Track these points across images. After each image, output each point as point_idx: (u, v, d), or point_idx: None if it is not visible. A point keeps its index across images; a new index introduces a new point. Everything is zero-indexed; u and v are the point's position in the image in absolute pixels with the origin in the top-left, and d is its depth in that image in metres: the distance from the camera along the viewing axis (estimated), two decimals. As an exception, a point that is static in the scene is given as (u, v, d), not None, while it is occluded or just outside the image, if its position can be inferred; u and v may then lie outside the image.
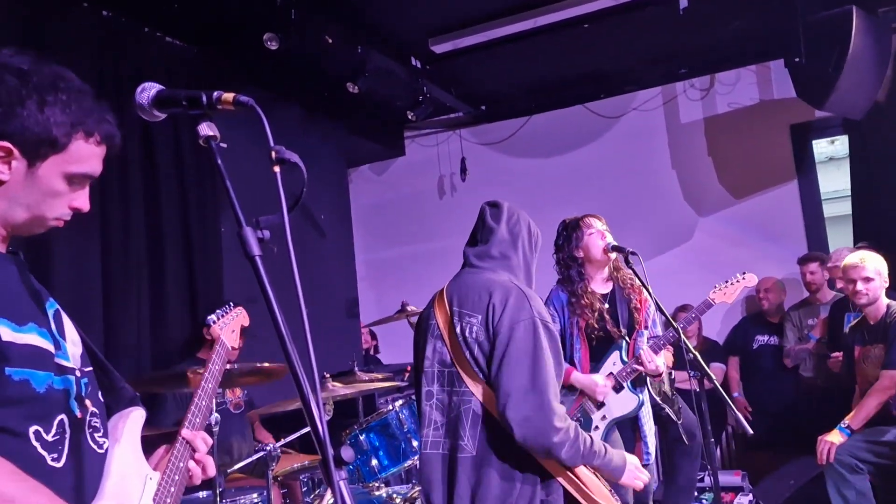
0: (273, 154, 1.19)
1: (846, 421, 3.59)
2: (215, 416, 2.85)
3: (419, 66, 5.44)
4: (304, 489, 3.62)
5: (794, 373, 5.08)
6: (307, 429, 1.14)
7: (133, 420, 1.47)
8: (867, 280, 3.62)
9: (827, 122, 5.56)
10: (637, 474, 2.21)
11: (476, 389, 2.13)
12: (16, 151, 1.24)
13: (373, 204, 6.91)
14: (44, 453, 1.24)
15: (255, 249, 1.16)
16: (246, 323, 2.03)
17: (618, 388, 3.30)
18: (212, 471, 1.52)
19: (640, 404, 3.32)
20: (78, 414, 1.32)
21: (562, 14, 4.92)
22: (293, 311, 1.18)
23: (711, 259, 5.65)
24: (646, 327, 3.39)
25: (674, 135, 6.04)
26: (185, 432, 1.50)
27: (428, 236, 6.49)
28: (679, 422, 3.58)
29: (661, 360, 3.36)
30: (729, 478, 4.66)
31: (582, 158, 6.22)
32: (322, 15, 4.54)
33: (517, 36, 5.13)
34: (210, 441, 1.54)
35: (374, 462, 3.40)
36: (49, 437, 1.26)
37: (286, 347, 1.13)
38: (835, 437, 3.56)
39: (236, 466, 2.94)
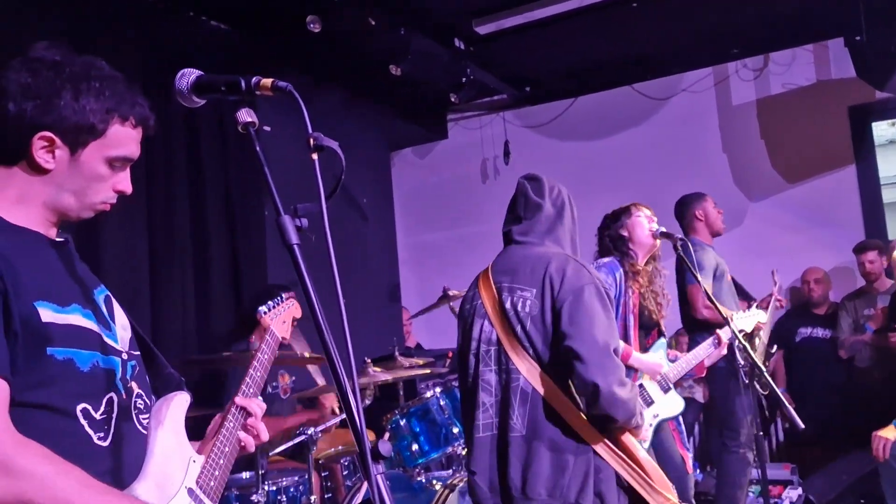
0: (311, 141, 1.16)
1: None
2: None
3: (462, 47, 5.36)
4: (344, 472, 3.64)
5: (845, 364, 4.92)
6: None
7: (177, 403, 1.48)
8: None
9: (888, 104, 5.31)
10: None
11: (523, 366, 2.10)
12: (58, 140, 1.29)
13: (415, 187, 6.88)
14: (90, 431, 1.28)
15: (294, 238, 1.15)
16: (298, 314, 2.02)
17: (665, 389, 3.19)
18: (265, 435, 1.56)
19: (683, 409, 3.24)
20: (123, 395, 1.35)
21: (609, -7, 4.79)
22: (333, 296, 1.16)
23: (762, 246, 5.49)
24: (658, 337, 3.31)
25: (725, 117, 5.85)
26: (238, 399, 1.54)
27: (470, 220, 6.43)
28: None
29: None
30: (778, 471, 4.55)
31: (629, 142, 6.08)
32: (365, -4, 4.51)
33: (562, 16, 5.01)
34: (264, 406, 1.58)
35: (415, 447, 3.40)
36: (97, 416, 1.29)
37: (324, 339, 1.11)
38: (891, 434, 3.42)
39: (278, 449, 2.96)
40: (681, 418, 3.33)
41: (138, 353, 1.47)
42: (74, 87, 1.29)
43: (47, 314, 1.24)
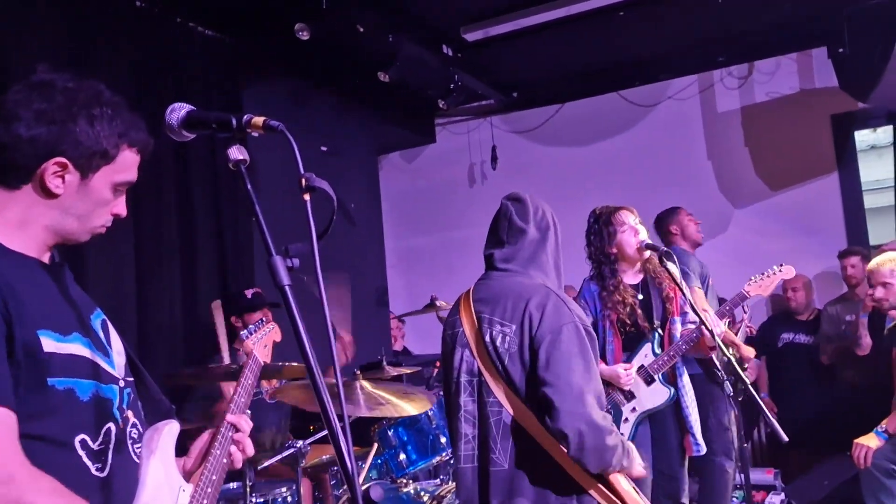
0: (303, 181, 1.17)
1: (883, 425, 3.51)
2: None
3: (451, 54, 5.39)
4: (332, 482, 3.65)
5: (825, 370, 4.99)
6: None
7: (168, 433, 1.49)
8: (885, 285, 3.53)
9: (870, 113, 5.38)
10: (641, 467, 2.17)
11: (505, 400, 2.08)
12: (70, 166, 1.31)
13: (402, 191, 6.89)
14: (88, 463, 1.28)
15: (285, 279, 1.16)
16: (278, 338, 2.04)
17: (649, 381, 3.24)
18: (251, 450, 1.58)
19: (671, 397, 3.25)
20: (120, 424, 1.36)
21: (596, 2, 4.82)
22: (322, 319, 1.17)
23: (746, 252, 5.53)
24: (679, 314, 3.34)
25: (710, 124, 5.91)
26: (229, 416, 1.56)
27: (458, 225, 6.45)
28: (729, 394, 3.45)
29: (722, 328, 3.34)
30: (761, 476, 4.61)
31: (615, 147, 6.12)
32: (354, 3, 4.51)
33: (550, 23, 5.05)
34: (251, 424, 1.61)
35: (403, 457, 3.42)
36: (94, 446, 1.30)
37: (316, 383, 1.12)
38: (871, 441, 3.49)
39: (266, 463, 2.97)
40: (687, 407, 3.29)
41: (132, 378, 1.48)
42: (88, 113, 1.30)
43: (49, 343, 1.24)
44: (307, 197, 1.17)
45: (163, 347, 3.99)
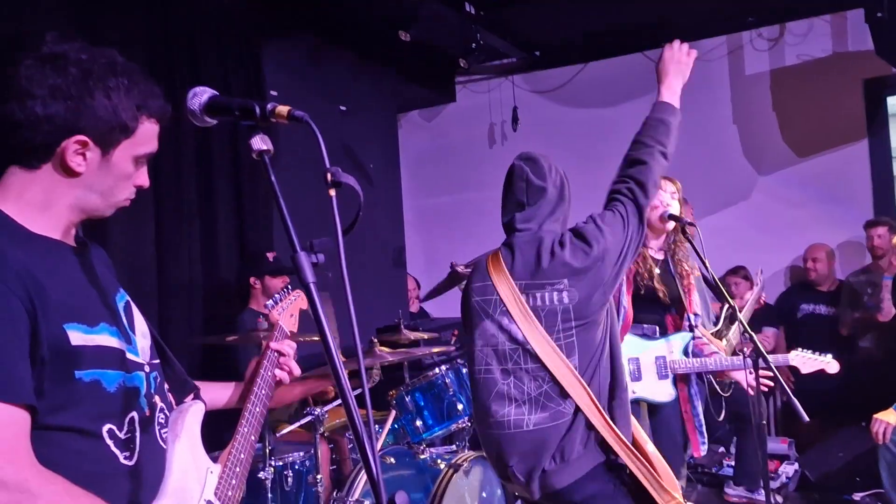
0: (328, 176, 1.14)
1: None
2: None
3: (473, 11, 5.26)
4: (350, 445, 3.71)
5: (845, 341, 4.94)
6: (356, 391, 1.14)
7: (193, 414, 1.49)
8: None
9: (904, 78, 5.23)
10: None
11: (551, 363, 2.11)
12: (91, 143, 1.26)
13: (421, 150, 6.82)
14: (116, 451, 1.27)
15: (310, 276, 1.13)
16: (304, 306, 2.01)
17: (661, 376, 3.15)
18: (297, 370, 1.70)
19: (674, 399, 3.14)
20: (146, 411, 1.35)
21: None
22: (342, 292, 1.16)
23: (769, 220, 5.47)
24: (693, 313, 3.27)
25: (737, 87, 5.76)
26: (273, 344, 1.69)
27: (477, 185, 6.38)
28: (725, 395, 3.48)
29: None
30: (775, 445, 4.62)
31: (638, 109, 5.81)
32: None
33: (576, -20, 4.91)
34: (295, 345, 1.72)
35: (419, 423, 3.45)
36: (122, 435, 1.29)
37: (340, 380, 1.11)
38: (891, 417, 3.45)
39: (285, 430, 3.01)
40: (698, 404, 3.23)
41: (158, 361, 1.47)
42: (104, 86, 1.25)
43: (77, 337, 1.22)
44: (333, 192, 1.14)
45: (182, 309, 4.02)
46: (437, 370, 3.46)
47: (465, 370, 3.40)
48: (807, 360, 3.37)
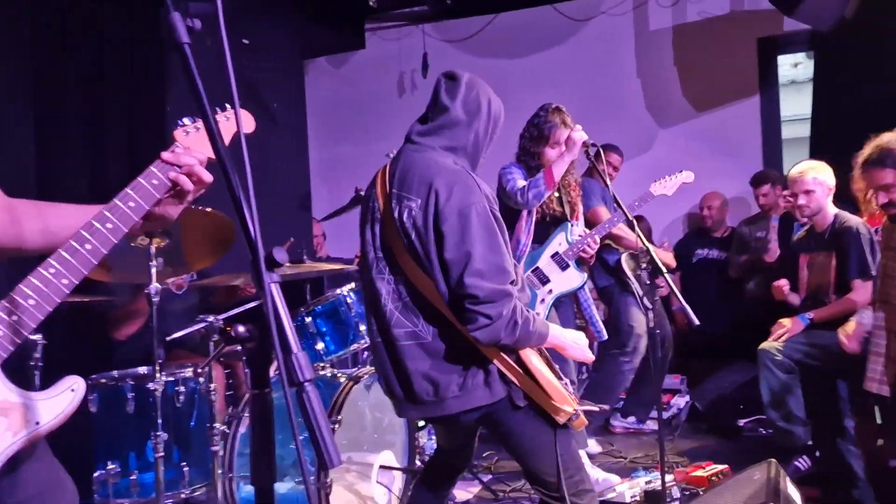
0: None
1: (810, 313, 3.58)
2: (155, 286, 2.76)
3: (383, -51, 5.16)
4: (246, 370, 3.58)
5: (733, 284, 5.18)
6: (254, 303, 1.05)
7: None
8: (808, 193, 3.61)
9: (794, 38, 5.50)
10: (584, 350, 2.19)
11: (414, 276, 2.04)
12: None
13: (329, 98, 6.66)
14: None
15: (184, 36, 1.04)
16: (250, 129, 1.59)
17: (563, 267, 3.41)
18: (207, 177, 1.42)
19: (585, 281, 3.48)
20: None
21: None
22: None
23: (668, 171, 5.60)
24: (576, 220, 3.53)
25: (641, 42, 5.92)
26: (165, 154, 1.40)
27: (385, 134, 6.24)
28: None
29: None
30: (668, 380, 4.81)
31: (547, 61, 6.06)
32: None
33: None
34: (204, 155, 1.41)
35: (321, 346, 3.36)
36: None
37: (223, 160, 1.03)
38: (793, 324, 3.56)
39: (177, 334, 2.86)
40: (586, 300, 3.57)
41: None
42: None
43: None
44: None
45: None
46: (339, 291, 3.38)
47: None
48: (666, 184, 3.92)
